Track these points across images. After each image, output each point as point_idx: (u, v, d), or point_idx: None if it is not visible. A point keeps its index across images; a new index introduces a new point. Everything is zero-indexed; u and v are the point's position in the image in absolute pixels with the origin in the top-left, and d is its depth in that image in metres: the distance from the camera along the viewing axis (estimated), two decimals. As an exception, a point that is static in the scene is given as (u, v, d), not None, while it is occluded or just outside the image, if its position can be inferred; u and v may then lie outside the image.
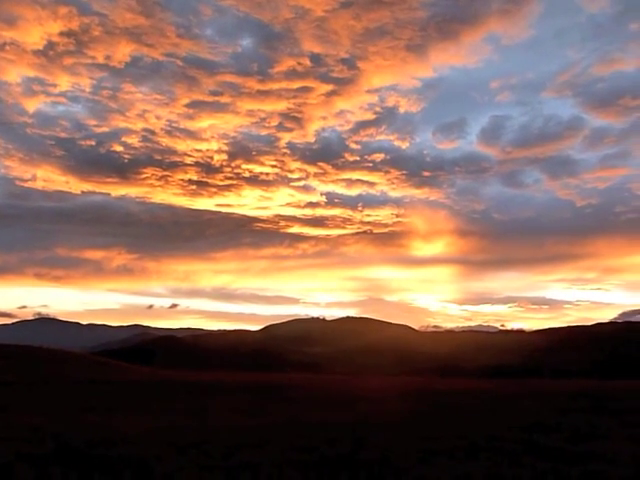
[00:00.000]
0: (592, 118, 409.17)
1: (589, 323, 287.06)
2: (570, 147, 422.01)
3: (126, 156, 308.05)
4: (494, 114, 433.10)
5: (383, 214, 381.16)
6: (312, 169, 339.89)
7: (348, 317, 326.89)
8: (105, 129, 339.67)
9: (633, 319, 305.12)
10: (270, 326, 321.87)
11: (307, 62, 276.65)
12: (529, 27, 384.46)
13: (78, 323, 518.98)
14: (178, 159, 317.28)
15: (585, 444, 18.51)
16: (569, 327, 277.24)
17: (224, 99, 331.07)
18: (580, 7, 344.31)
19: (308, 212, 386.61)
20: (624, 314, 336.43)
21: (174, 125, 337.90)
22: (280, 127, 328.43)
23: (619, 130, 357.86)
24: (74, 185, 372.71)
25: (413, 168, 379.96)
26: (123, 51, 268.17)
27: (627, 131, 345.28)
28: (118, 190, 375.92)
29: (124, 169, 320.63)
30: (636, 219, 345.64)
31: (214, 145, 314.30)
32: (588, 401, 39.85)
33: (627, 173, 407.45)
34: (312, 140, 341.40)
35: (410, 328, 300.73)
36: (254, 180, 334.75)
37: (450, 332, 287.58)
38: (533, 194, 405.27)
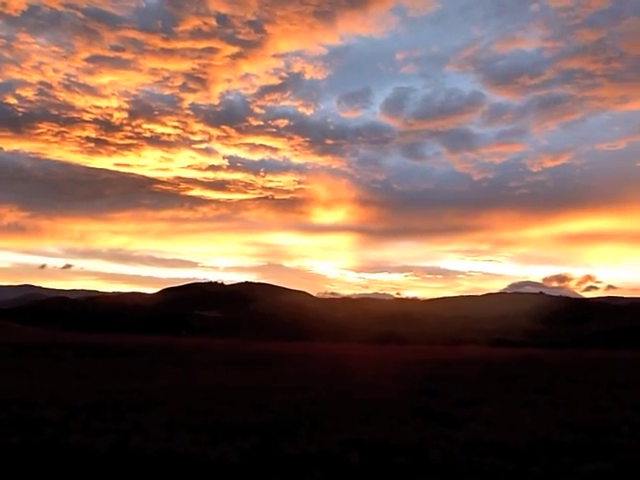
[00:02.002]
0: (492, 94, 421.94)
1: (480, 293, 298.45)
2: (470, 122, 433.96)
3: (20, 109, 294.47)
4: (398, 85, 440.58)
5: (285, 180, 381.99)
6: (215, 132, 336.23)
7: (247, 282, 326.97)
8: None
9: (521, 290, 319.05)
10: (167, 289, 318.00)
11: (213, 22, 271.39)
12: (436, 1, 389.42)
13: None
14: (76, 115, 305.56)
15: (471, 409, 19.23)
16: (461, 296, 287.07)
17: (126, 55, 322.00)
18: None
19: (209, 175, 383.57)
20: (513, 285, 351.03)
21: (72, 79, 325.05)
22: (184, 87, 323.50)
23: (517, 107, 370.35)
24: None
25: (316, 135, 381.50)
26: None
27: (524, 109, 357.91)
28: (11, 144, 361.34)
29: (18, 123, 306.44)
30: (529, 194, 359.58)
31: (114, 102, 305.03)
32: (476, 368, 41.37)
33: (522, 150, 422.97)
34: (216, 102, 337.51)
35: (308, 294, 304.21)
36: (155, 140, 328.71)
37: (347, 299, 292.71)
38: (433, 166, 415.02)
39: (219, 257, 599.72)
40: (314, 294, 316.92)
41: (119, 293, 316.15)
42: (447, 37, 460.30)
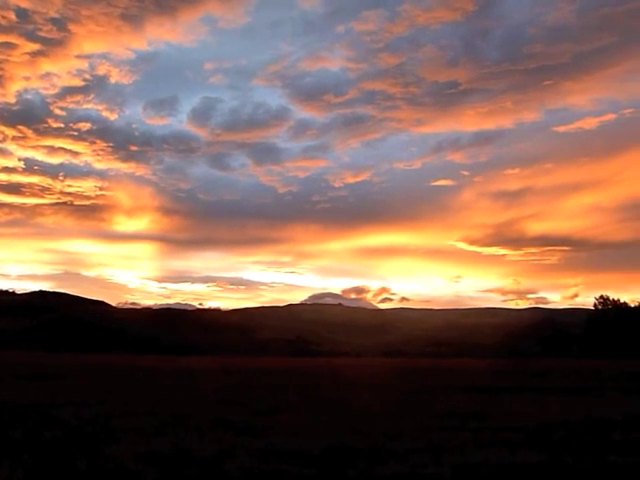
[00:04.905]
0: (298, 110, 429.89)
1: (282, 304, 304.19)
2: (276, 136, 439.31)
3: None
4: (206, 95, 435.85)
5: (86, 186, 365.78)
6: (10, 132, 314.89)
7: (41, 291, 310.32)
8: None
9: (322, 301, 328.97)
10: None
11: (12, 16, 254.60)
12: (246, 14, 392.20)
13: None
14: None
15: (270, 418, 19.43)
16: (263, 307, 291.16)
17: None
18: (294, 3, 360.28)
19: (3, 177, 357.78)
20: (314, 296, 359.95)
21: None
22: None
23: (321, 124, 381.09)
24: None
25: (120, 141, 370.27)
26: None
27: (328, 126, 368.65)
28: None
29: None
30: (330, 208, 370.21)
31: None
32: (276, 377, 42.04)
33: (325, 165, 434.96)
34: (12, 101, 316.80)
35: (107, 304, 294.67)
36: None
37: (148, 309, 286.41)
38: (238, 178, 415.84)
39: (11, 264, 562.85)
40: (114, 304, 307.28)
41: None
42: (256, 51, 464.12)
